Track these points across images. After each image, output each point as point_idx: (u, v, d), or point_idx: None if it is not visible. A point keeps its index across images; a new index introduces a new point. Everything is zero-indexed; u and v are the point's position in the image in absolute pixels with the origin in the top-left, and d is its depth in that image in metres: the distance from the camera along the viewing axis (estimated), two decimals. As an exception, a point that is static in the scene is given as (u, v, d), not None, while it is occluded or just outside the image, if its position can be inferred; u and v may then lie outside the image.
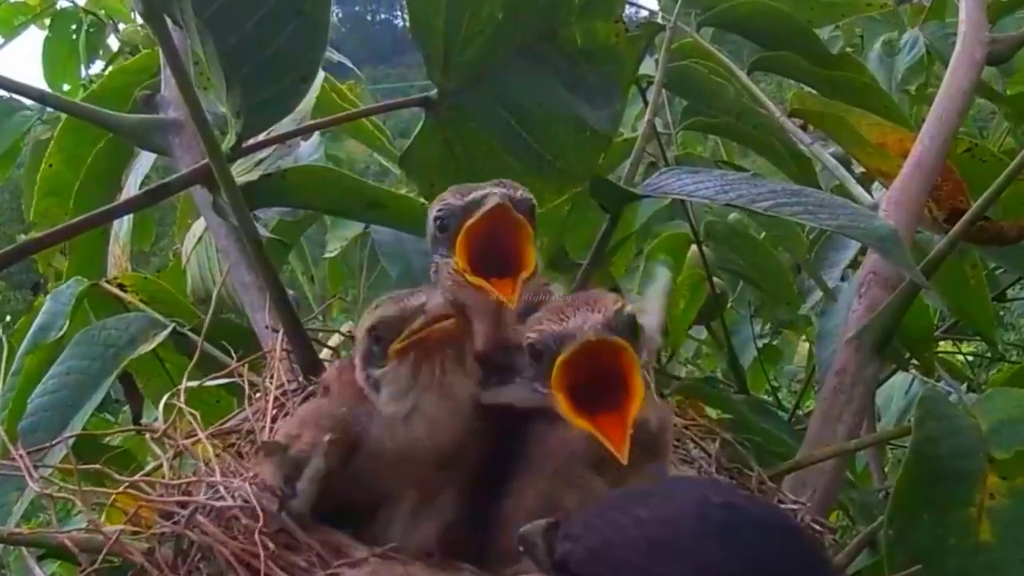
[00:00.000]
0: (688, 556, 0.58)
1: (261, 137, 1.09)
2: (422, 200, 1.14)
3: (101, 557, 0.76)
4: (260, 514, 0.75)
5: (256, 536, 0.74)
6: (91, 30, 2.61)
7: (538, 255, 0.81)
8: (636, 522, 0.60)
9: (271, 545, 0.74)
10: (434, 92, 1.08)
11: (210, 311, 1.19)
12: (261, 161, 1.16)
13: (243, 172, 1.14)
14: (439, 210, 0.83)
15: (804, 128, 1.42)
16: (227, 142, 1.01)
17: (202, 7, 0.90)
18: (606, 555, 0.60)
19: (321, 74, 1.30)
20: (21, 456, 0.83)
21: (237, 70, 0.95)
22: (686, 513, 0.61)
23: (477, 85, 1.08)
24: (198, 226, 1.40)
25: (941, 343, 2.24)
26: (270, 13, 0.93)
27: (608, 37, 1.12)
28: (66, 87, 2.64)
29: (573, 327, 0.73)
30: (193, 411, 0.89)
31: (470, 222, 0.79)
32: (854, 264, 1.56)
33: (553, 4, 1.09)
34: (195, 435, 0.87)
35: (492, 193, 0.79)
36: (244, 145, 1.03)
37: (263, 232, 1.07)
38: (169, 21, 0.94)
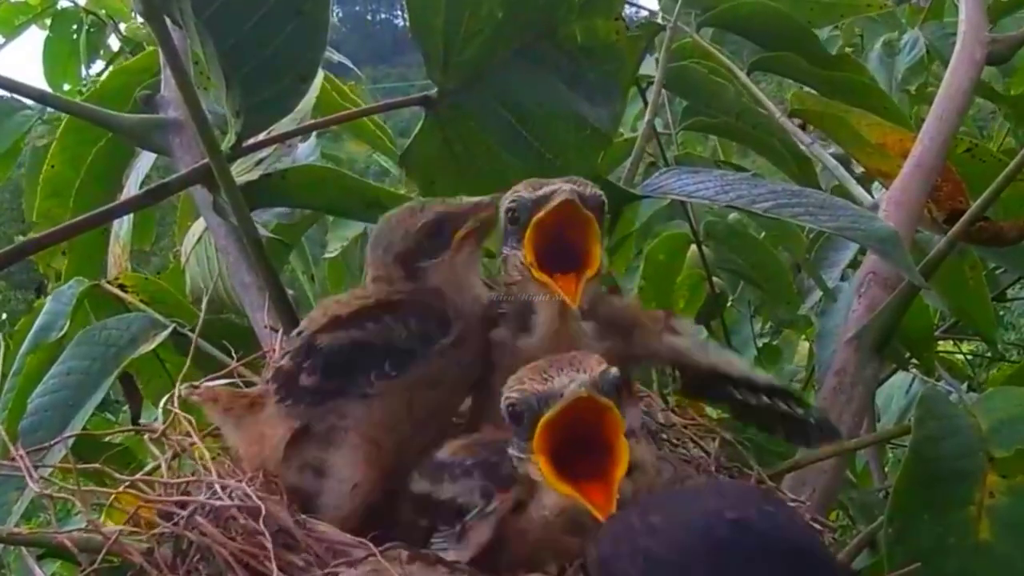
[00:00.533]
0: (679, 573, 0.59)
1: (261, 137, 1.09)
2: (422, 200, 1.14)
3: (100, 557, 0.76)
4: (263, 511, 0.75)
5: (264, 524, 0.74)
6: (92, 30, 2.60)
7: (604, 253, 0.82)
8: (648, 530, 0.61)
9: (269, 545, 0.74)
10: (434, 91, 1.08)
11: (202, 310, 1.19)
12: (261, 161, 1.16)
13: (243, 172, 1.15)
14: (511, 202, 0.83)
15: (803, 128, 1.42)
16: (227, 142, 1.01)
17: (201, 7, 0.90)
18: (611, 566, 0.62)
19: (320, 74, 1.30)
20: (21, 456, 0.83)
21: (237, 70, 0.95)
22: (694, 527, 0.61)
23: (477, 84, 1.08)
24: (198, 226, 1.39)
25: (941, 343, 2.24)
26: (269, 13, 0.93)
27: (608, 35, 1.12)
28: (66, 87, 2.64)
29: (558, 386, 0.70)
30: (188, 416, 0.88)
31: (538, 216, 0.80)
32: (854, 264, 1.56)
33: (553, 2, 1.08)
34: (193, 435, 0.88)
35: (562, 188, 0.80)
36: (244, 145, 1.03)
37: (263, 232, 1.07)
38: (169, 21, 0.94)
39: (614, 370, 0.72)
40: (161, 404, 0.93)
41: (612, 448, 0.69)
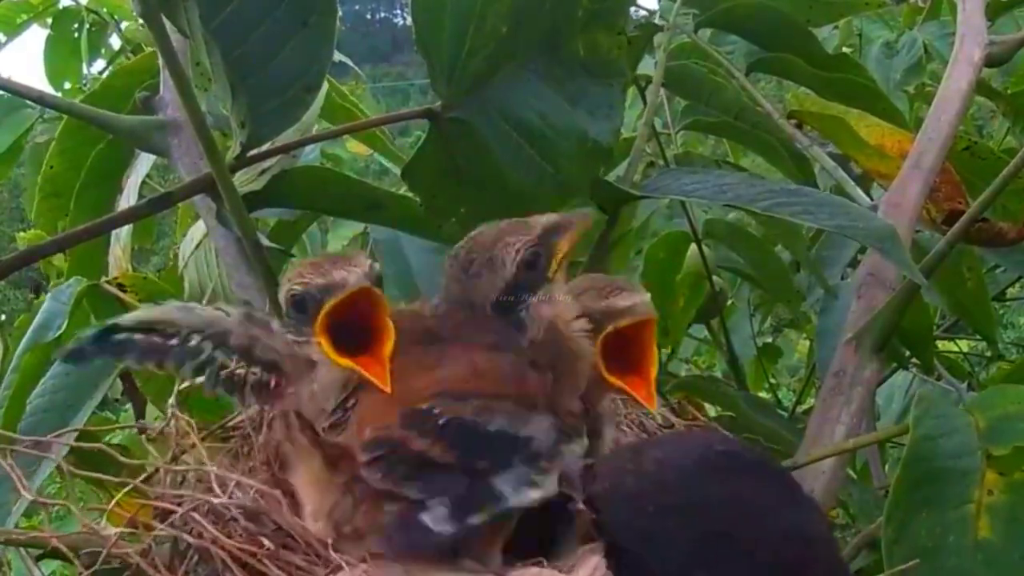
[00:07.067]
0: (681, 489, 0.70)
1: (265, 147, 1.09)
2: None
3: (100, 560, 0.76)
4: (263, 509, 0.75)
5: (263, 523, 0.74)
6: (93, 29, 2.61)
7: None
8: (647, 460, 0.72)
9: (269, 544, 0.74)
10: (438, 104, 1.07)
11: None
12: (265, 171, 1.16)
13: (246, 182, 1.14)
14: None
15: (799, 128, 1.42)
16: (231, 153, 1.01)
17: (209, 17, 0.90)
18: (618, 491, 0.72)
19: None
20: (12, 467, 0.83)
21: (243, 80, 0.95)
22: (690, 454, 0.73)
23: (480, 98, 1.08)
24: (196, 231, 1.39)
25: (941, 341, 2.24)
26: (276, 24, 0.94)
27: (610, 50, 1.12)
28: (67, 85, 2.64)
29: (338, 279, 0.77)
30: (189, 419, 0.88)
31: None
32: (853, 264, 1.56)
33: (556, 18, 1.08)
34: (192, 436, 0.87)
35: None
36: (248, 155, 1.03)
37: (265, 242, 1.07)
38: (172, 26, 0.94)
39: (378, 265, 0.80)
40: (169, 403, 0.93)
41: (381, 329, 0.78)
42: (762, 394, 2.24)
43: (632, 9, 1.28)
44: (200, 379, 0.87)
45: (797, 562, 0.71)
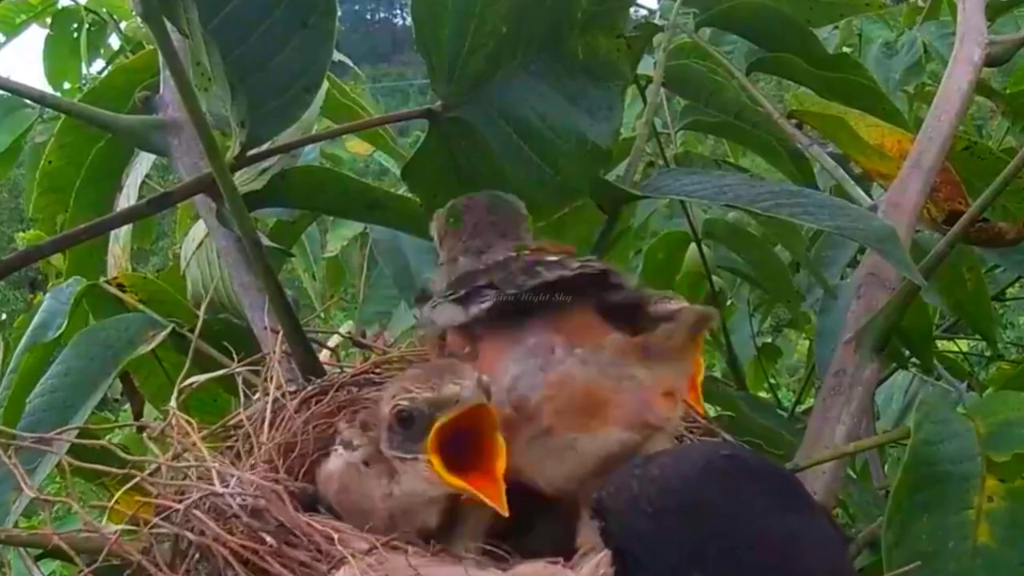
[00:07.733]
0: (680, 491, 0.71)
1: (265, 147, 1.08)
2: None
3: (101, 559, 0.76)
4: (264, 504, 0.75)
5: (265, 519, 0.74)
6: (92, 28, 2.62)
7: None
8: (653, 466, 0.73)
9: (271, 540, 0.74)
10: (438, 104, 1.07)
11: (201, 311, 1.18)
12: (265, 171, 1.16)
13: (246, 181, 1.14)
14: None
15: (799, 127, 1.42)
16: (231, 152, 1.01)
17: (208, 17, 0.90)
18: (622, 494, 0.73)
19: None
20: (15, 465, 0.83)
21: (242, 80, 0.95)
22: (694, 460, 0.74)
23: (480, 98, 1.07)
24: (198, 230, 1.39)
25: (942, 342, 2.24)
26: (275, 24, 0.93)
27: (610, 52, 1.12)
28: (67, 85, 2.65)
29: (447, 393, 0.76)
30: (189, 419, 0.88)
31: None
32: (853, 264, 1.56)
33: (557, 18, 1.08)
34: (192, 435, 0.87)
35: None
36: (248, 155, 1.03)
37: (266, 241, 1.07)
38: (172, 26, 0.94)
39: (486, 377, 0.78)
40: (165, 406, 0.93)
41: (488, 444, 0.76)
42: (762, 394, 2.24)
43: (632, 8, 1.27)
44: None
45: (796, 565, 0.71)
